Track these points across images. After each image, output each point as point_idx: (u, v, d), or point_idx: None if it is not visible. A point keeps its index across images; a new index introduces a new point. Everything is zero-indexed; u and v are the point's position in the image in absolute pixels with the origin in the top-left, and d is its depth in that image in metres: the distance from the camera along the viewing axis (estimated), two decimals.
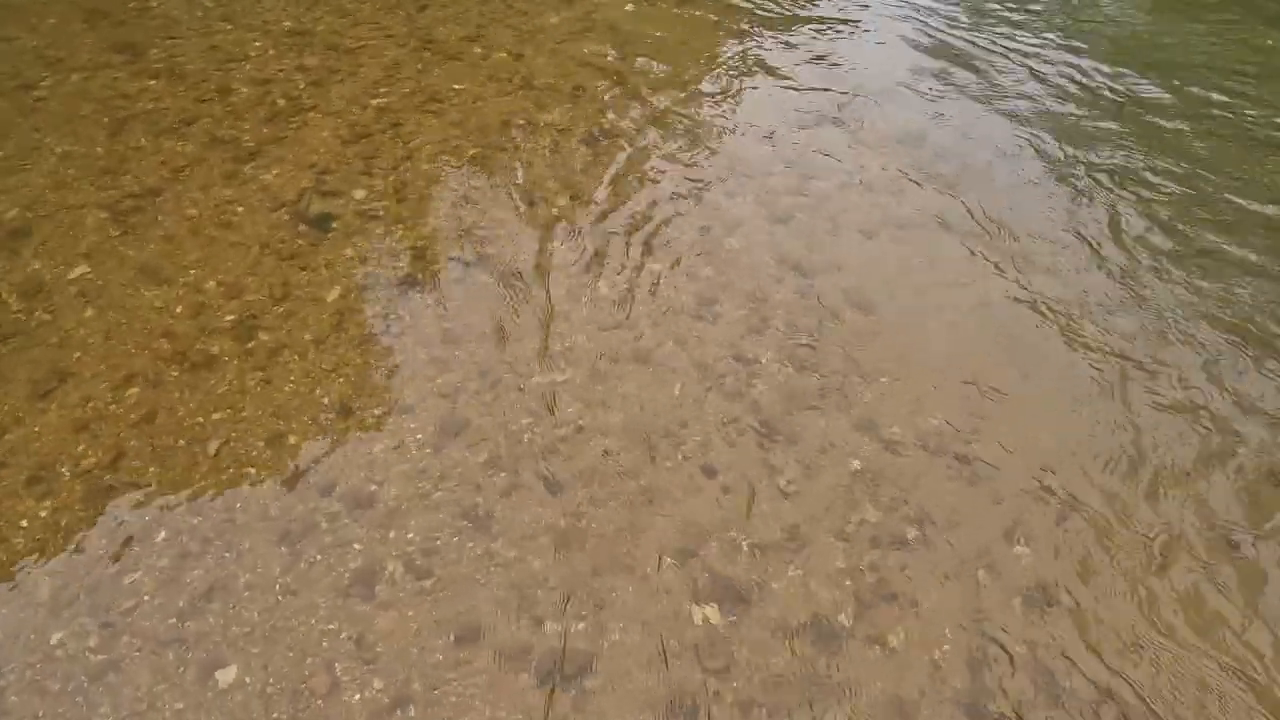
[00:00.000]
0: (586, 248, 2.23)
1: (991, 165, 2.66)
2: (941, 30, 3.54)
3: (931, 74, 3.19)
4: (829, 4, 3.77)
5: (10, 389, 1.78)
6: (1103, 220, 2.42)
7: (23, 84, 2.87)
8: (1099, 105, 3.04)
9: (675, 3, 3.73)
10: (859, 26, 3.57)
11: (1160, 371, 1.93)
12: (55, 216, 2.24)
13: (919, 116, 2.89)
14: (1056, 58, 3.36)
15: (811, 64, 3.25)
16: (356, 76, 2.95)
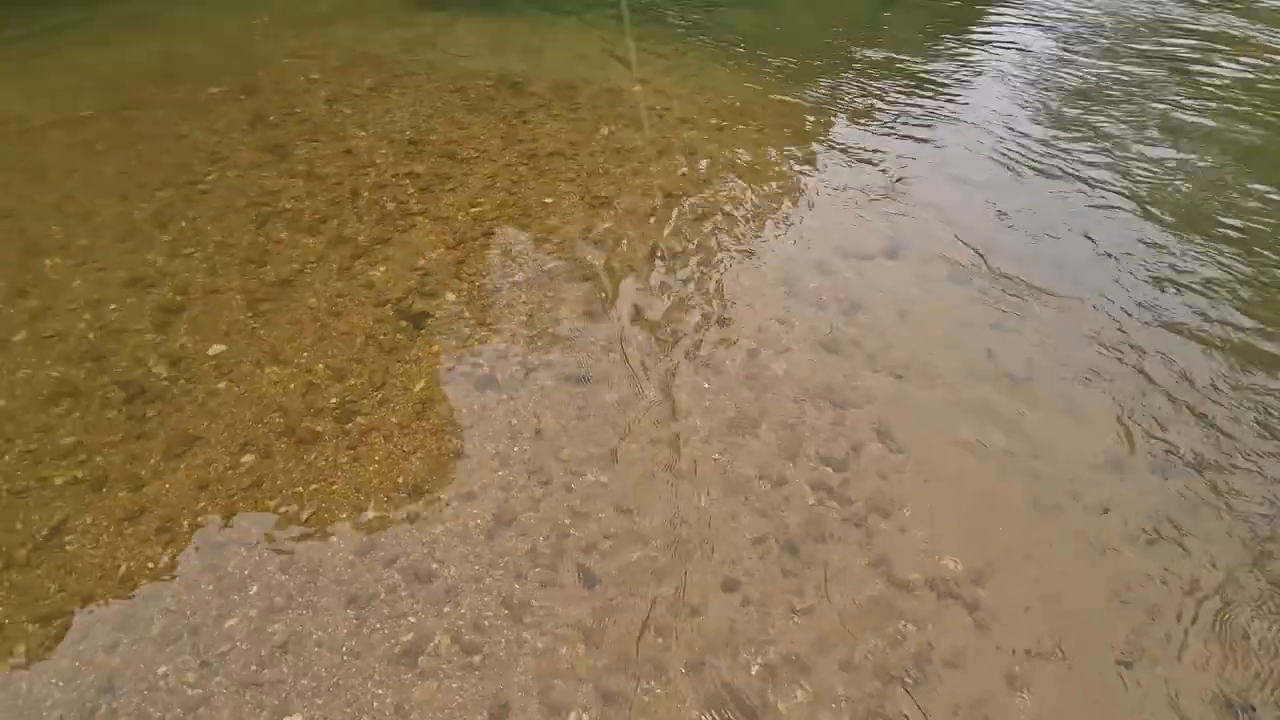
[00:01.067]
0: (642, 361, 2.47)
1: (1034, 318, 2.76)
2: (1022, 158, 3.71)
3: (998, 213, 3.35)
4: (912, 126, 4.03)
5: (152, 446, 2.14)
6: (1136, 393, 2.47)
7: (191, 179, 3.45)
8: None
9: (755, 127, 4.07)
10: (934, 145, 3.79)
11: (1194, 549, 1.95)
12: (205, 299, 2.68)
13: (972, 256, 3.04)
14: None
15: (878, 194, 3.47)
16: (463, 185, 3.39)
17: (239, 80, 4.56)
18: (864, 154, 3.82)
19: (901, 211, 3.31)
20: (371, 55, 4.98)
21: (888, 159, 3.77)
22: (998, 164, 3.71)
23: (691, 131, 3.99)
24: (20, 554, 1.85)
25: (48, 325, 2.55)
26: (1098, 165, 3.68)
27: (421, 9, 6.14)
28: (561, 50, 5.28)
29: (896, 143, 3.94)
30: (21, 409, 2.24)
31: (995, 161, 3.73)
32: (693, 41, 5.46)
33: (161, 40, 5.28)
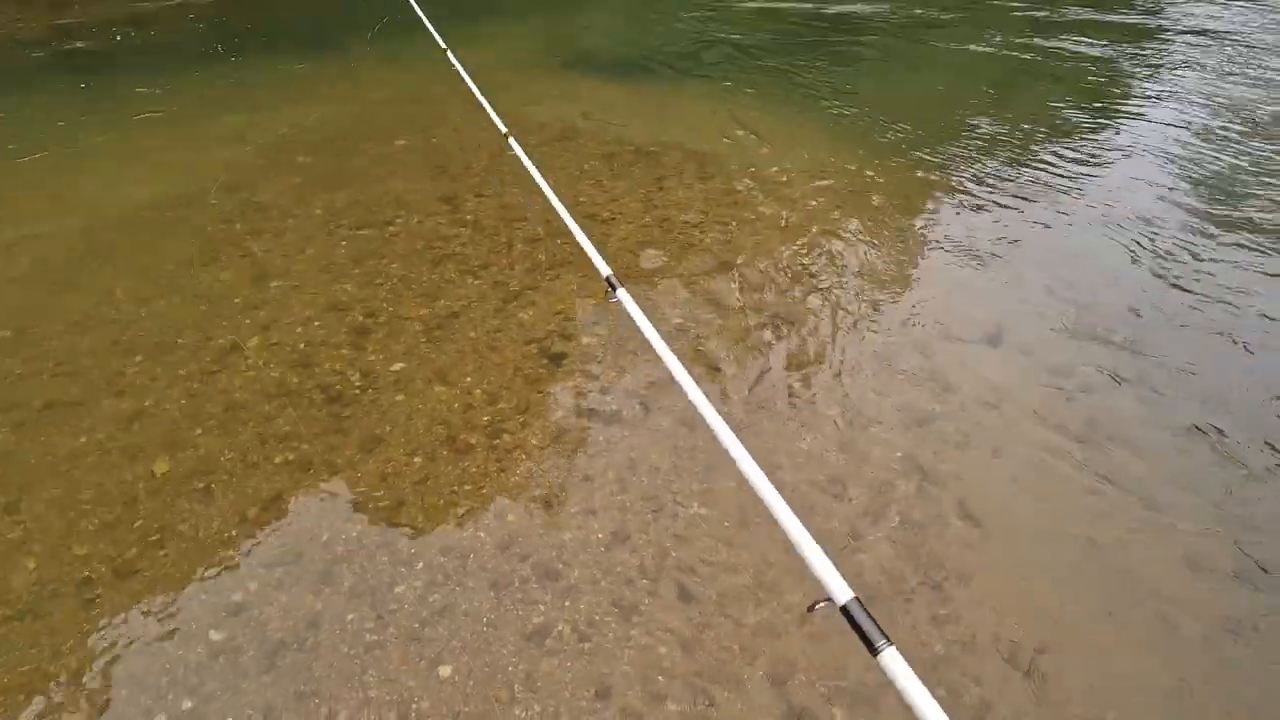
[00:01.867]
0: (744, 414, 2.79)
1: (1145, 408, 2.85)
2: (1157, 251, 3.77)
3: (1124, 311, 3.44)
4: (1037, 208, 4.17)
5: (346, 440, 2.67)
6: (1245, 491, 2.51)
7: (384, 220, 4.14)
8: None
9: (874, 198, 4.35)
10: (1060, 231, 3.92)
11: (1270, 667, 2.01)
12: (390, 324, 3.26)
13: (1081, 353, 3.16)
14: None
15: (992, 278, 3.65)
16: (604, 244, 3.87)
17: (423, 135, 5.35)
18: (982, 235, 4.00)
19: (1014, 298, 3.47)
20: (532, 119, 5.67)
21: (1006, 242, 3.93)
22: (1128, 256, 3.77)
23: (812, 201, 4.32)
24: (251, 513, 2.39)
25: (272, 335, 3.20)
26: (1246, 266, 3.66)
27: (574, 74, 6.89)
28: (695, 121, 5.78)
29: (1019, 225, 4.08)
30: (253, 400, 2.85)
31: (1125, 252, 3.79)
32: (816, 106, 5.82)
33: (361, 95, 6.25)
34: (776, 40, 8.41)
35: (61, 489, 2.46)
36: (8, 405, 2.80)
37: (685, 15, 10.05)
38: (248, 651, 1.99)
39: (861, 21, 9.28)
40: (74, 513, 2.38)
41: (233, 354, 3.08)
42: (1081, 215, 4.20)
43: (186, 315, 3.32)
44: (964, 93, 6.44)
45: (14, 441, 2.64)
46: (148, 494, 2.46)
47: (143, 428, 2.71)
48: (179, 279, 3.60)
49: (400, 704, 1.86)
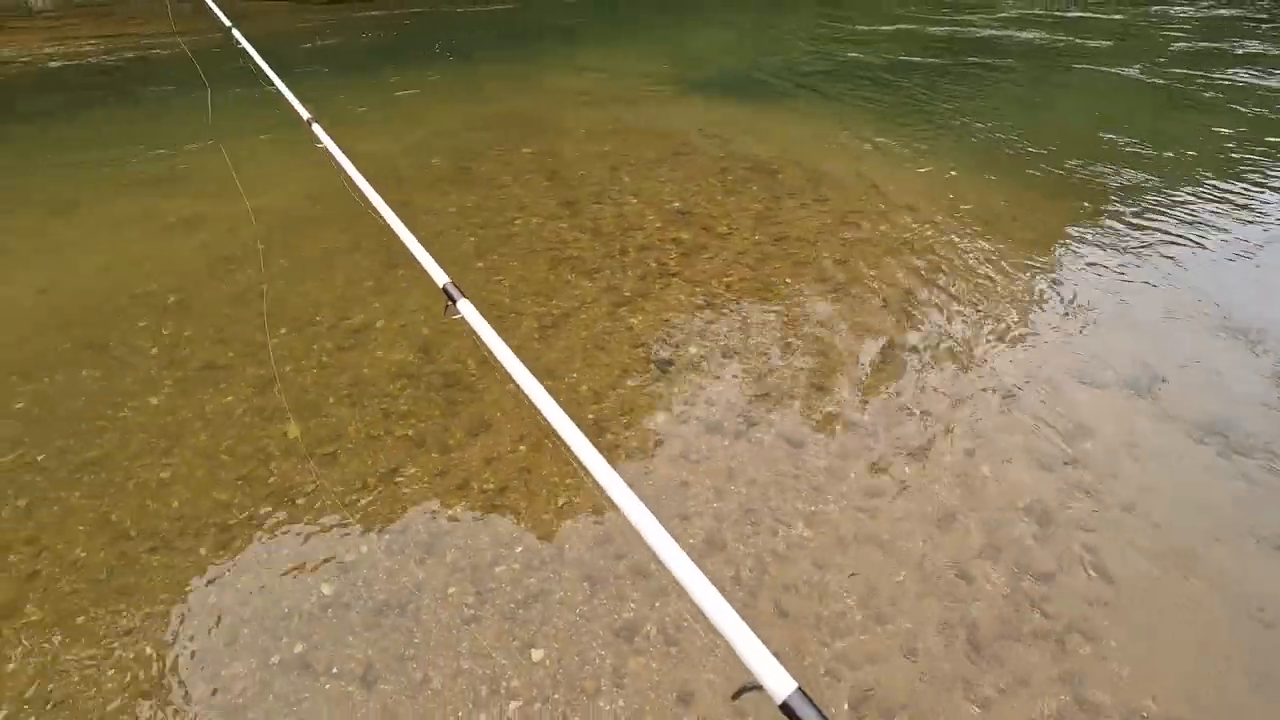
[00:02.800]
0: (854, 439, 2.70)
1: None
2: None
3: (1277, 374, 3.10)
4: (1187, 255, 3.84)
5: (458, 423, 2.79)
6: None
7: (505, 221, 4.33)
8: None
9: (1003, 232, 4.14)
10: (1212, 282, 3.59)
11: None
12: (506, 317, 3.40)
13: (1236, 411, 2.86)
14: None
15: (1134, 325, 3.38)
16: (717, 256, 3.89)
17: (546, 144, 5.58)
18: (1126, 273, 3.71)
19: (1162, 343, 3.19)
20: (654, 133, 5.79)
21: (1152, 281, 3.63)
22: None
23: (933, 231, 4.16)
24: (370, 481, 2.54)
25: (397, 320, 3.40)
26: None
27: (692, 90, 6.99)
28: (815, 140, 5.71)
29: (1165, 264, 3.77)
30: (379, 378, 3.03)
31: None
32: (946, 130, 5.61)
33: (494, 104, 6.60)
34: (908, 62, 8.20)
35: (207, 439, 2.71)
36: (174, 362, 3.12)
37: (811, 36, 10.00)
38: (354, 609, 2.10)
39: (1002, 45, 8.90)
40: (215, 463, 2.61)
41: (364, 333, 3.30)
42: (1238, 254, 3.82)
43: (326, 295, 3.59)
44: (1111, 122, 6.02)
45: (177, 394, 2.94)
46: (280, 454, 2.66)
47: (280, 393, 2.94)
48: (324, 263, 3.90)
49: (491, 679, 1.91)
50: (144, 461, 2.59)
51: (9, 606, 2.09)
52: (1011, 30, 9.65)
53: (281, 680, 1.91)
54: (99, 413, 2.82)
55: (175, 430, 2.74)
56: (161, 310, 3.46)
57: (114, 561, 2.23)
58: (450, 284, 1.76)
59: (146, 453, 2.64)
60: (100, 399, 2.89)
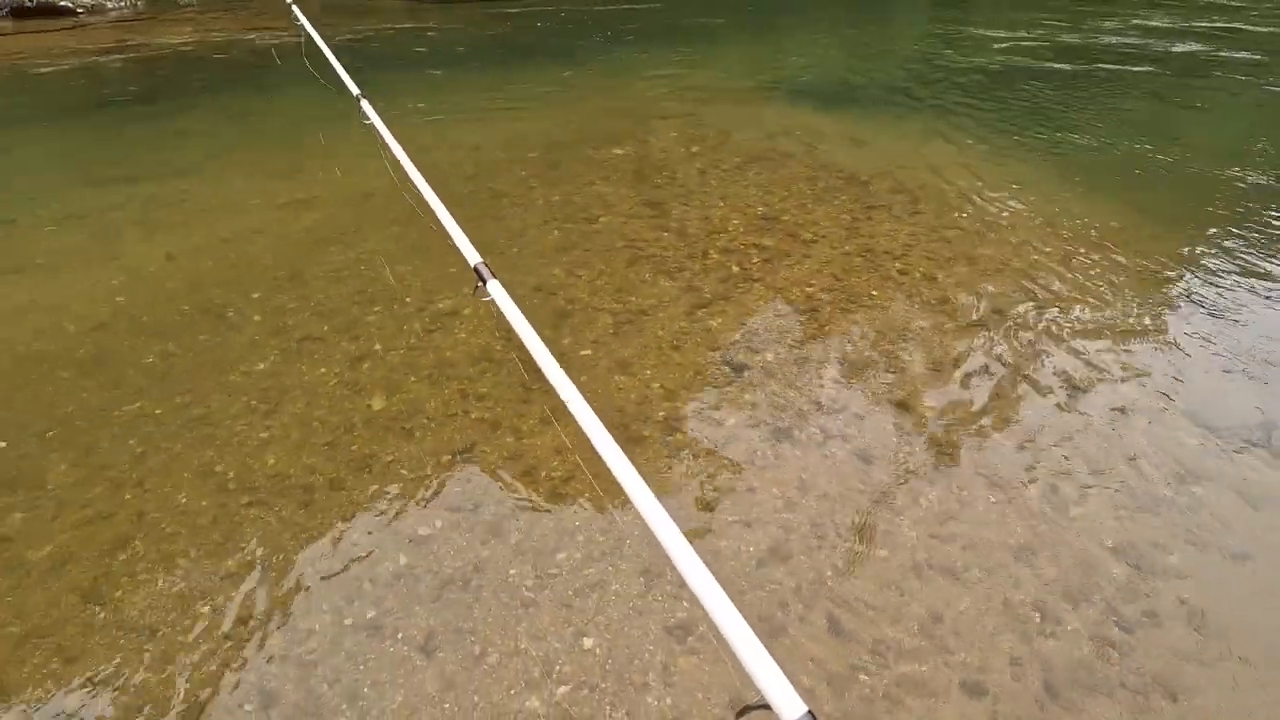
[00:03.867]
0: (931, 460, 2.59)
1: None
2: None
3: None
4: None
5: (532, 410, 2.86)
6: None
7: (589, 218, 4.40)
8: None
9: (1111, 258, 3.88)
10: None
11: None
12: (585, 312, 3.46)
13: None
14: None
15: (1256, 369, 3.11)
16: (801, 264, 3.82)
17: (636, 145, 5.63)
18: (1244, 321, 3.41)
19: (1276, 397, 2.92)
20: (742, 138, 5.75)
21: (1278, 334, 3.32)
22: None
23: (1036, 251, 3.94)
24: (444, 459, 2.64)
25: (486, 307, 3.51)
26: None
27: (784, 96, 6.89)
28: (915, 151, 5.52)
29: None
30: (460, 360, 3.14)
31: None
32: (1055, 145, 5.30)
33: (591, 105, 6.72)
34: (1027, 72, 7.82)
35: (302, 406, 2.88)
36: (277, 331, 3.34)
37: (923, 42, 9.67)
38: (423, 581, 2.19)
39: (1129, 56, 8.35)
40: (308, 429, 2.78)
41: (449, 318, 3.43)
42: None
43: (417, 279, 3.75)
44: (1252, 144, 5.54)
45: (279, 362, 3.14)
46: (363, 424, 2.80)
47: (369, 368, 3.10)
48: (418, 248, 4.08)
49: (545, 661, 1.95)
50: (245, 421, 2.79)
51: (121, 540, 2.29)
52: (1152, 40, 9.02)
53: (352, 640, 2.01)
54: (210, 374, 3.05)
55: (275, 395, 2.93)
56: (271, 283, 3.71)
57: (213, 510, 2.41)
58: (482, 263, 1.78)
59: (248, 414, 2.83)
60: (212, 361, 3.13)
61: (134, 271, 3.84)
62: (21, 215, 4.58)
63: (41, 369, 3.07)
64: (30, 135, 6.18)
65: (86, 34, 9.97)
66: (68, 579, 2.17)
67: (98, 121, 6.57)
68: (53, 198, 4.86)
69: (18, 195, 4.89)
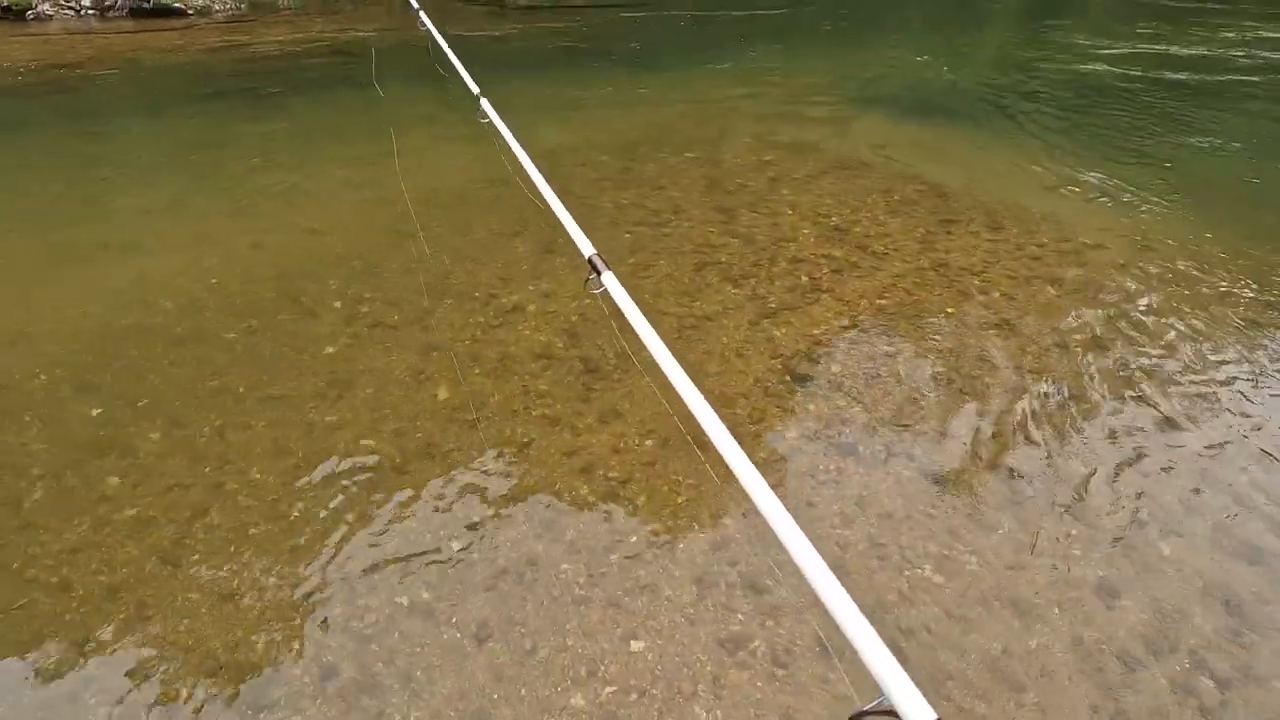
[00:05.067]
0: (1005, 485, 2.47)
1: None
2: None
3: None
4: None
5: (590, 409, 2.87)
6: None
7: (659, 221, 4.40)
8: None
9: (1210, 287, 3.63)
10: None
11: None
12: (650, 315, 3.44)
13: None
14: None
15: None
16: (872, 276, 3.72)
17: (708, 151, 5.61)
18: None
19: None
20: (816, 146, 5.66)
21: None
22: None
23: (1127, 275, 3.73)
24: (505, 452, 2.67)
25: (550, 305, 3.55)
26: None
27: (867, 106, 6.74)
28: (999, 167, 5.31)
29: None
30: (522, 356, 3.18)
31: None
32: (1149, 167, 5.00)
33: (666, 110, 6.74)
34: (1117, 86, 7.44)
35: (371, 392, 2.97)
36: (351, 318, 3.46)
37: (1015, 53, 9.33)
38: (478, 569, 2.22)
39: (1238, 69, 7.83)
40: (377, 414, 2.86)
41: (515, 314, 3.48)
42: None
43: (485, 274, 3.83)
44: None
45: (352, 348, 3.25)
46: (429, 413, 2.86)
47: (437, 358, 3.17)
48: (489, 244, 4.16)
49: (591, 660, 1.94)
50: (316, 404, 2.89)
51: (199, 508, 2.41)
52: (1265, 52, 8.45)
53: (407, 622, 2.05)
54: (287, 356, 3.18)
55: (347, 379, 3.03)
56: (348, 272, 3.85)
57: (284, 487, 2.51)
58: (596, 255, 1.80)
59: (320, 396, 2.94)
60: (290, 344, 3.26)
61: (227, 256, 4.04)
62: (130, 199, 4.90)
63: (139, 342, 3.26)
64: (140, 125, 6.62)
65: (195, 34, 10.63)
66: (150, 541, 2.29)
67: (200, 114, 6.99)
68: (158, 184, 5.19)
69: (128, 181, 5.24)
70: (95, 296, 3.60)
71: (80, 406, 2.85)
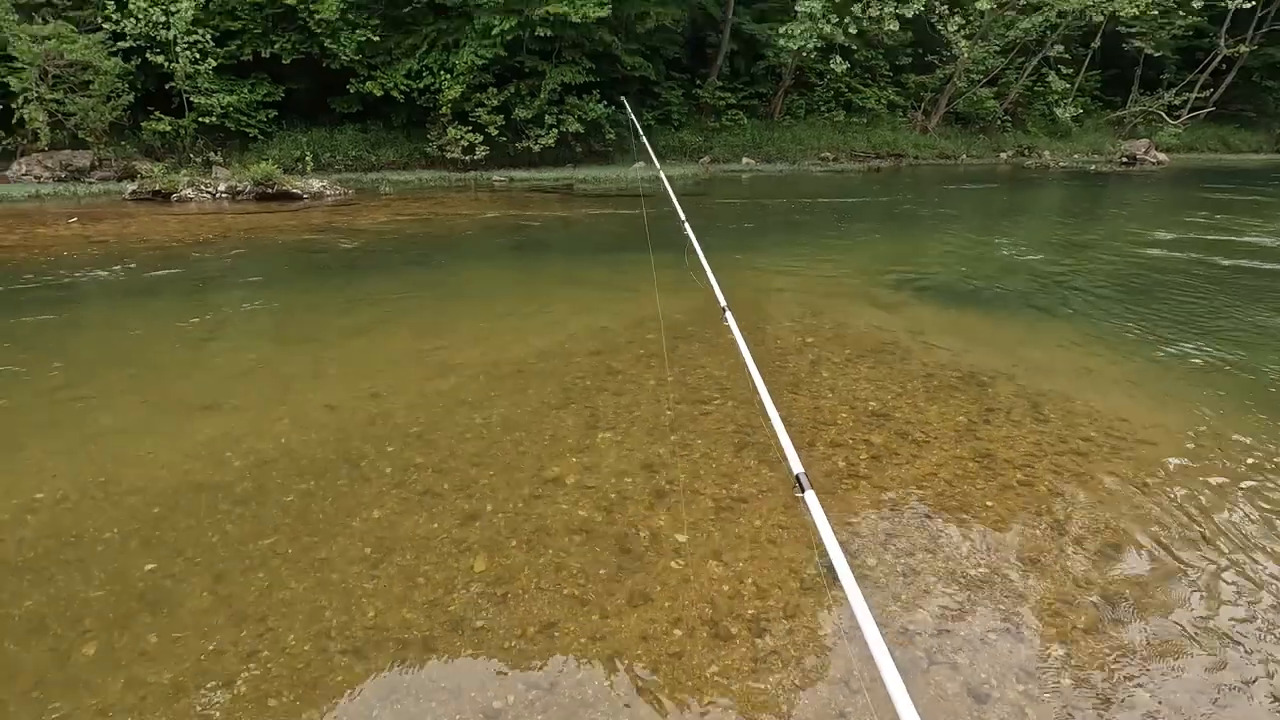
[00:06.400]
0: (1050, 703, 2.29)
1: None
2: None
3: None
4: None
5: (621, 589, 2.85)
6: None
7: (700, 400, 4.56)
8: None
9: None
10: None
11: None
12: (684, 494, 3.50)
13: None
14: None
15: None
16: (910, 464, 3.73)
17: (752, 331, 5.90)
18: None
19: None
20: (859, 331, 5.89)
21: None
22: None
23: (1183, 473, 3.61)
24: (531, 631, 2.66)
25: (590, 478, 3.66)
26: None
27: (910, 291, 7.03)
28: (1040, 353, 5.38)
29: None
30: (553, 530, 3.24)
31: None
32: (1220, 361, 4.96)
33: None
34: (1168, 278, 7.60)
35: (410, 559, 3.05)
36: (401, 483, 3.63)
37: (1063, 241, 9.69)
38: None
39: None
40: (411, 583, 2.92)
41: (554, 486, 3.60)
42: None
43: (532, 446, 4.00)
44: None
45: (397, 513, 3.39)
46: (463, 585, 2.91)
47: (478, 528, 3.26)
48: (537, 416, 4.39)
49: None
50: (357, 569, 2.98)
51: (228, 677, 2.45)
52: None
53: None
54: (336, 518, 3.34)
55: (389, 545, 3.14)
56: (404, 438, 4.09)
57: (313, 656, 2.54)
58: (803, 474, 1.95)
59: (361, 561, 3.03)
60: (341, 505, 3.43)
61: (300, 417, 4.38)
62: (223, 360, 5.43)
63: (205, 498, 3.49)
64: (246, 294, 7.46)
65: (306, 215, 12.17)
66: (178, 707, 2.32)
67: (299, 285, 7.85)
68: (251, 346, 5.76)
69: (226, 344, 5.84)
70: (176, 451, 3.92)
71: (140, 560, 3.02)
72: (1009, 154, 24.40)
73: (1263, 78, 27.87)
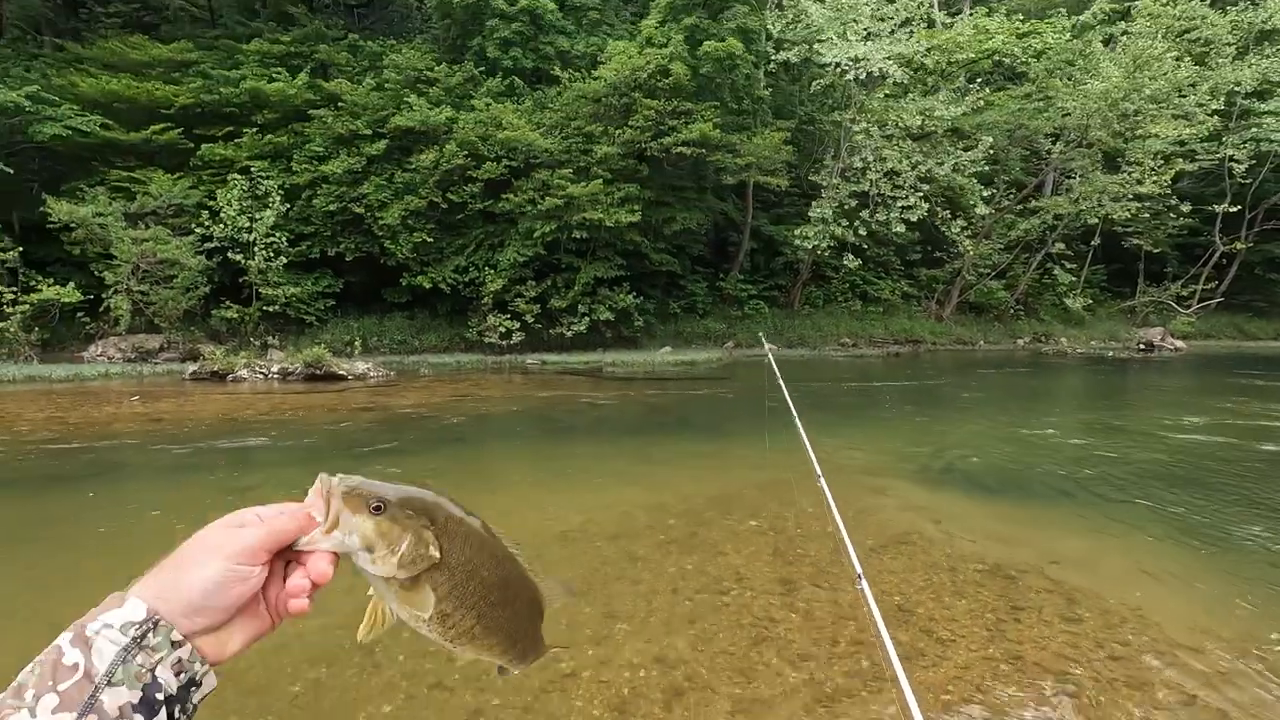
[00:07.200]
0: None
1: None
2: None
3: None
4: None
5: None
6: None
7: (720, 590, 4.50)
8: None
9: None
10: None
11: None
12: (700, 692, 3.38)
13: None
14: None
15: None
16: (937, 666, 3.57)
17: (774, 520, 5.91)
18: None
19: None
20: (883, 519, 5.85)
21: None
22: None
23: (1228, 683, 3.39)
24: None
25: (604, 673, 3.56)
26: None
27: (935, 480, 7.02)
28: (1072, 549, 5.25)
29: None
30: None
31: None
32: (1260, 555, 4.76)
33: (736, 475, 7.27)
34: (1205, 465, 7.47)
35: None
36: (413, 674, 3.57)
37: (1097, 431, 9.69)
38: None
39: None
40: None
41: (568, 680, 3.50)
42: None
43: (547, 634, 3.94)
44: None
45: (403, 709, 3.31)
46: None
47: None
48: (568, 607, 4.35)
49: None
50: None
51: None
52: None
53: None
54: (345, 712, 3.27)
55: None
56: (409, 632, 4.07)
57: None
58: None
59: None
60: (348, 699, 3.37)
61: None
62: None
63: None
64: (282, 474, 7.75)
65: (349, 395, 12.87)
66: None
67: (332, 465, 8.15)
68: None
69: None
70: None
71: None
72: (1026, 340, 25.14)
73: (1265, 271, 29.01)
